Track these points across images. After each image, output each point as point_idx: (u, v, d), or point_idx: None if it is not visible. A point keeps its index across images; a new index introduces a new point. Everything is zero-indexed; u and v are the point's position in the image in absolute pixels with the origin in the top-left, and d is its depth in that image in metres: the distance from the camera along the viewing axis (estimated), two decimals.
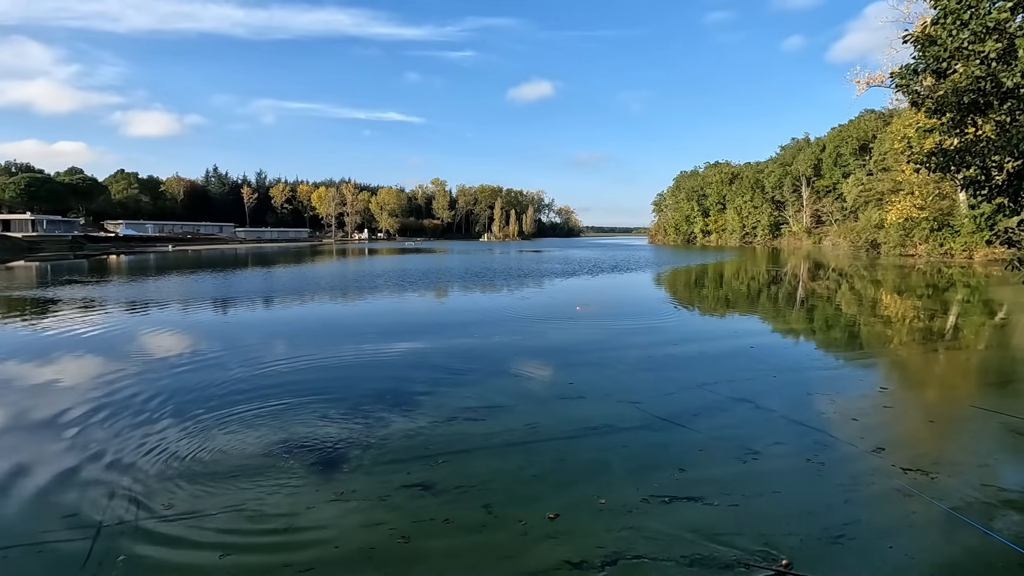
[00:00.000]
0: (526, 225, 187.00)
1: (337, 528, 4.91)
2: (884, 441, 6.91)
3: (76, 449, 6.73)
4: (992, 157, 7.15)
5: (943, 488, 5.65)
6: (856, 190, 65.60)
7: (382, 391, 9.04)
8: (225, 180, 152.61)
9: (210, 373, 10.30)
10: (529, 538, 4.70)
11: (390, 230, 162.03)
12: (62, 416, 7.92)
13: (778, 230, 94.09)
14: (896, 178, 52.37)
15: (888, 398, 9.00)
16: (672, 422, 7.56)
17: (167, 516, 5.11)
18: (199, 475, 5.97)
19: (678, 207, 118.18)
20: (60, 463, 6.31)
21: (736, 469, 6.06)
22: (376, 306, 20.72)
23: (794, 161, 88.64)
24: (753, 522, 4.92)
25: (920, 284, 28.03)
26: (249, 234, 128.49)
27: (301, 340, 13.81)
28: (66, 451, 6.68)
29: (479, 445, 6.77)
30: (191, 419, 7.77)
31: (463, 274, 35.83)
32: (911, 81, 7.56)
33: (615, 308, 20.57)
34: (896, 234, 51.75)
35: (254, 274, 37.34)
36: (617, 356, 11.66)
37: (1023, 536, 4.84)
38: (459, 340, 13.61)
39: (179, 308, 19.63)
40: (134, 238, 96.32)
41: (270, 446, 6.73)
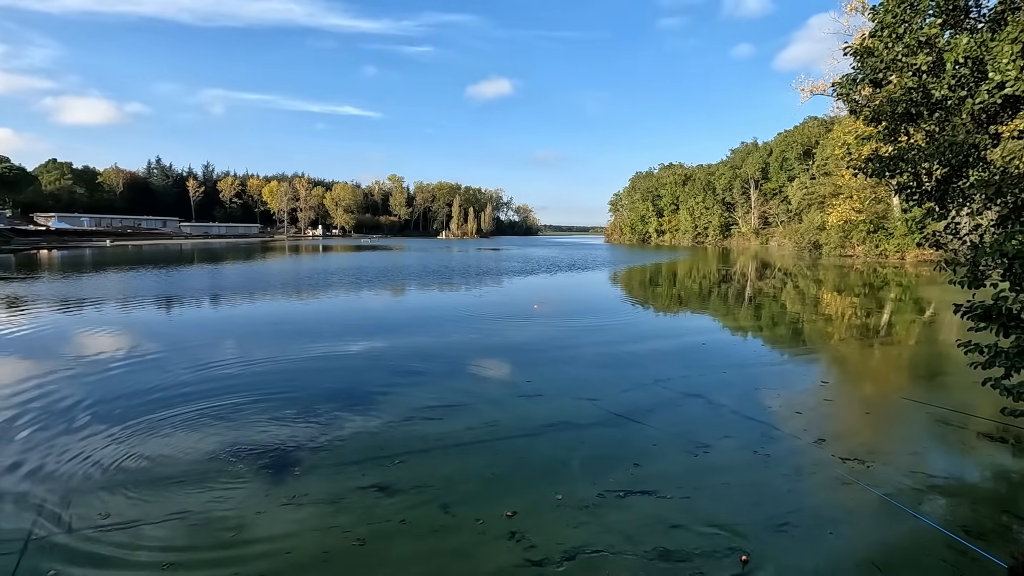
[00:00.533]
0: (484, 223, 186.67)
1: (289, 533, 4.76)
2: (825, 433, 7.26)
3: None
4: (922, 164, 7.62)
5: (878, 476, 5.99)
6: (800, 193, 68.75)
7: (336, 391, 8.83)
8: (169, 172, 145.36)
9: (151, 374, 9.81)
10: (487, 537, 4.70)
11: (345, 227, 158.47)
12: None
13: (728, 231, 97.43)
14: (836, 182, 55.19)
15: (829, 392, 9.47)
16: (627, 418, 7.71)
17: (103, 526, 4.83)
18: (139, 482, 5.68)
19: (634, 207, 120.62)
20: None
21: (688, 463, 6.24)
22: (330, 305, 20.23)
23: (743, 164, 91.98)
24: (704, 514, 5.08)
25: (858, 283, 29.61)
26: (195, 229, 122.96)
27: (250, 340, 13.33)
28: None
29: (437, 445, 6.71)
30: (130, 423, 7.37)
31: (421, 272, 35.45)
32: (850, 90, 7.95)
33: (572, 306, 20.80)
34: (836, 236, 54.51)
35: (200, 271, 35.78)
36: (574, 354, 11.80)
37: (948, 518, 5.20)
38: (416, 339, 13.45)
39: (118, 306, 18.58)
40: (68, 232, 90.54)
41: (217, 450, 6.46)
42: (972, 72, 6.23)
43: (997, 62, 5.76)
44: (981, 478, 6.23)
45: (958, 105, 6.60)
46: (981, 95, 6.00)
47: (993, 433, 7.29)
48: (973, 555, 4.55)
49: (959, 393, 9.26)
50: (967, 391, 8.99)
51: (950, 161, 7.37)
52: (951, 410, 8.17)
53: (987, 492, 5.88)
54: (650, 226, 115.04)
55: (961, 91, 6.42)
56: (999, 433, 7.27)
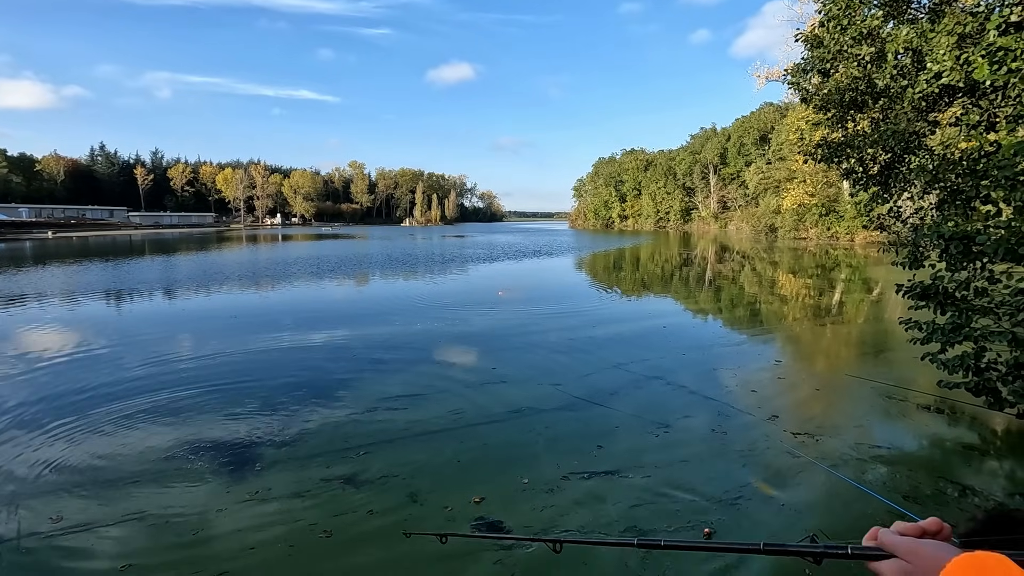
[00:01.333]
0: (448, 210, 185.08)
1: (252, 529, 4.71)
2: (778, 409, 7.60)
3: None
4: (867, 150, 7.97)
5: (825, 449, 6.32)
6: (757, 178, 70.71)
7: (298, 384, 8.70)
8: (115, 160, 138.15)
9: (102, 371, 9.44)
10: (456, 523, 4.75)
11: (305, 215, 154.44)
12: None
13: (689, 215, 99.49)
14: (791, 167, 57.00)
15: (782, 370, 9.88)
16: (591, 402, 7.87)
17: (55, 530, 4.67)
18: (92, 483, 5.50)
19: (597, 193, 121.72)
20: None
21: (649, 443, 6.44)
22: (290, 296, 19.79)
23: (703, 150, 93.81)
24: (665, 491, 5.26)
25: (811, 265, 30.80)
26: (145, 219, 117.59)
27: (206, 333, 12.94)
28: None
29: (403, 434, 6.72)
30: (80, 421, 7.10)
31: (384, 261, 34.99)
32: (801, 79, 8.22)
33: (537, 293, 20.96)
34: (791, 219, 56.43)
35: (152, 263, 34.36)
36: (539, 340, 11.92)
37: (889, 486, 5.54)
38: (380, 329, 13.32)
39: (63, 302, 17.70)
40: (5, 224, 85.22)
41: (173, 447, 6.30)
42: (912, 62, 6.53)
43: (935, 53, 6.04)
44: (919, 447, 6.64)
45: (900, 94, 6.92)
46: (920, 84, 6.30)
47: (931, 405, 7.77)
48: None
49: (901, 368, 9.81)
50: (908, 366, 9.53)
51: (893, 147, 7.74)
52: (893, 385, 8.65)
53: (925, 460, 6.28)
54: (613, 211, 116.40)
55: (902, 80, 6.72)
56: (936, 405, 7.75)
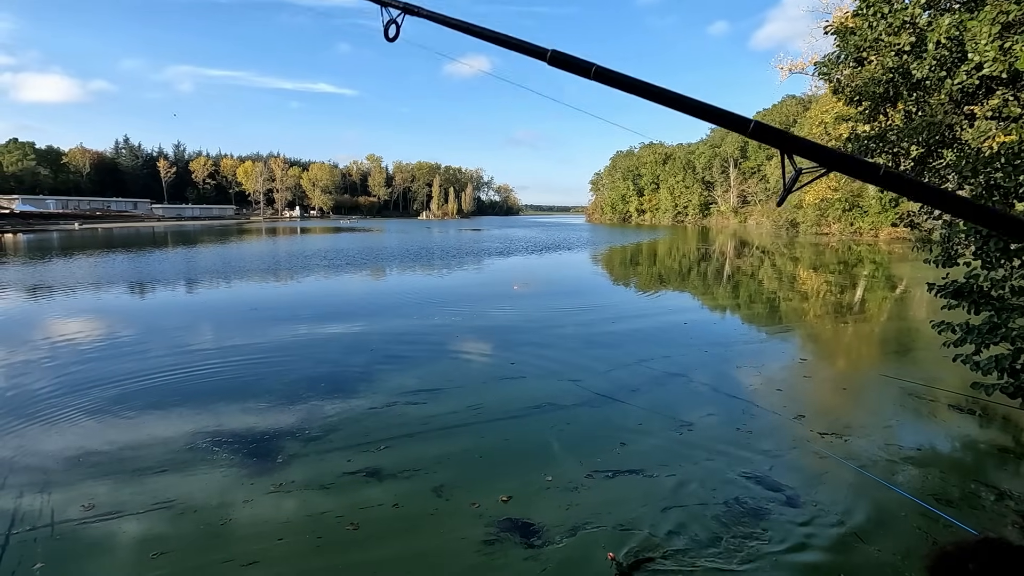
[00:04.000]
0: (465, 203, 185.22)
1: (279, 520, 4.75)
2: (804, 408, 7.46)
3: None
4: (900, 144, 7.73)
5: (853, 449, 6.19)
6: (778, 172, 69.40)
7: (317, 377, 8.76)
8: (138, 152, 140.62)
9: (127, 362, 9.62)
10: (485, 520, 4.72)
11: (324, 208, 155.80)
12: None
13: (707, 210, 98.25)
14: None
15: (807, 368, 9.70)
16: (611, 398, 7.81)
17: (88, 517, 4.76)
18: (120, 472, 5.59)
19: (614, 186, 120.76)
20: None
21: (673, 441, 6.36)
22: (310, 288, 19.97)
23: (723, 143, 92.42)
24: (692, 491, 5.19)
25: (833, 261, 30.22)
26: (167, 211, 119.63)
27: (228, 325, 13.14)
28: None
29: (422, 429, 6.72)
30: (108, 412, 7.24)
31: (401, 254, 35.14)
32: (832, 70, 7.99)
33: (554, 287, 20.87)
34: (813, 214, 55.41)
35: (175, 254, 34.95)
36: (557, 335, 11.86)
37: (920, 488, 5.40)
38: (397, 322, 13.38)
39: (90, 291, 18.09)
40: (33, 215, 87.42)
41: (197, 438, 6.39)
42: (952, 53, 6.30)
43: (976, 43, 5.82)
44: (951, 449, 6.47)
45: (937, 85, 6.69)
46: (960, 76, 6.08)
47: (962, 405, 7.56)
48: (944, 522, 4.75)
49: (930, 367, 9.57)
50: (937, 365, 9.28)
51: (927, 141, 7.50)
52: (922, 384, 8.44)
53: (957, 462, 6.12)
54: (631, 205, 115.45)
55: (941, 71, 6.49)
56: (967, 405, 7.54)
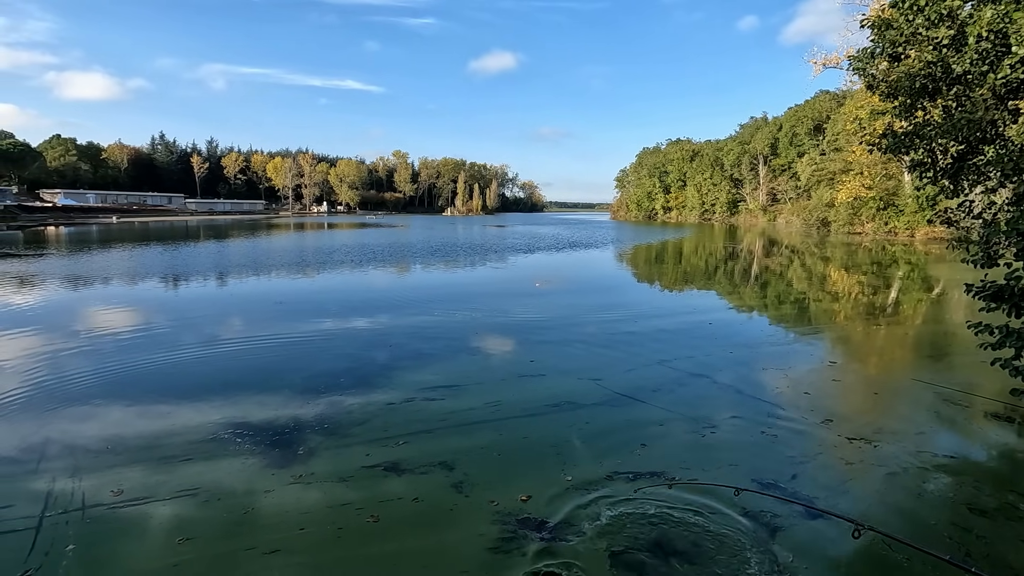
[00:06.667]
0: (489, 200, 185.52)
1: (300, 510, 4.82)
2: (832, 413, 7.26)
3: (11, 433, 6.36)
4: (938, 140, 7.44)
5: (884, 455, 5.99)
6: (809, 169, 67.77)
7: (338, 370, 8.87)
8: (173, 148, 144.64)
9: (156, 351, 9.90)
10: (504, 518, 4.71)
11: (350, 203, 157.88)
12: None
13: (736, 207, 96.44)
14: (847, 158, 54.34)
15: (836, 371, 9.44)
16: (633, 398, 7.72)
17: (117, 502, 4.91)
18: (148, 459, 5.75)
19: (640, 183, 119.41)
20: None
21: (695, 443, 6.25)
22: (334, 282, 20.27)
23: (752, 140, 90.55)
24: (715, 495, 5.08)
25: (866, 261, 29.36)
26: (200, 206, 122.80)
27: (255, 317, 13.42)
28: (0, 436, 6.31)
29: (441, 425, 6.75)
30: (137, 400, 7.46)
31: (425, 250, 35.39)
32: (867, 64, 7.73)
33: (576, 285, 20.76)
34: (845, 213, 53.89)
35: (206, 248, 35.85)
36: (578, 333, 11.78)
37: (953, 497, 5.21)
38: (419, 317, 13.47)
39: (125, 282, 18.69)
40: (74, 209, 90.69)
41: (221, 428, 6.53)
42: (995, 46, 6.02)
43: (1021, 35, 5.55)
44: (987, 457, 6.22)
45: (979, 80, 6.40)
46: (1004, 70, 5.81)
47: (1000, 413, 7.27)
48: (978, 532, 4.57)
49: (966, 372, 9.22)
50: (974, 370, 8.95)
51: (967, 138, 7.19)
52: (958, 390, 8.14)
53: (993, 471, 5.88)
54: (657, 203, 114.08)
55: (982, 66, 6.22)
56: (1006, 413, 7.25)
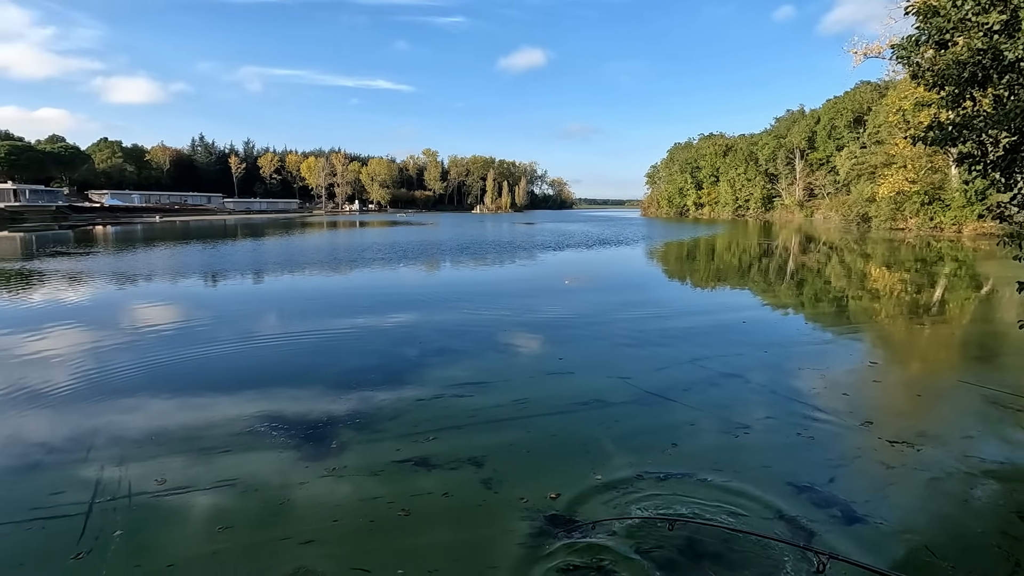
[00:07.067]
0: (518, 197, 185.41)
1: (333, 502, 4.93)
2: (872, 415, 7.02)
3: (62, 423, 6.68)
4: (988, 132, 7.09)
5: (927, 460, 5.77)
6: (849, 163, 65.47)
7: (368, 366, 9.01)
8: (212, 149, 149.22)
9: (195, 346, 10.25)
10: (533, 515, 4.71)
11: (381, 201, 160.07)
12: (47, 389, 7.86)
13: (771, 203, 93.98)
14: (889, 151, 52.28)
15: (876, 372, 9.11)
16: (663, 397, 7.62)
17: (161, 491, 5.11)
18: (188, 450, 5.96)
19: (672, 179, 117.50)
20: (46, 438, 6.27)
21: (727, 444, 6.13)
22: (365, 279, 20.59)
23: (788, 133, 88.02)
24: (748, 498, 4.98)
25: (909, 258, 28.24)
26: (237, 205, 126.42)
27: (288, 313, 13.76)
28: (51, 425, 6.64)
29: (470, 421, 6.79)
30: (178, 392, 7.74)
31: (454, 248, 35.63)
32: (912, 53, 7.41)
33: (606, 282, 20.58)
34: (887, 208, 51.89)
35: (243, 246, 36.91)
36: (607, 331, 11.69)
37: (1001, 504, 4.97)
38: (448, 315, 13.57)
39: (168, 280, 19.40)
40: (120, 208, 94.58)
41: (257, 421, 6.71)
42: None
43: None
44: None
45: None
46: None
47: None
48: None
49: (1017, 374, 8.81)
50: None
51: (1020, 128, 6.83)
52: (1008, 392, 7.76)
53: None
54: (688, 199, 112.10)
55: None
56: None
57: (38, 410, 7.15)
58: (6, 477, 5.44)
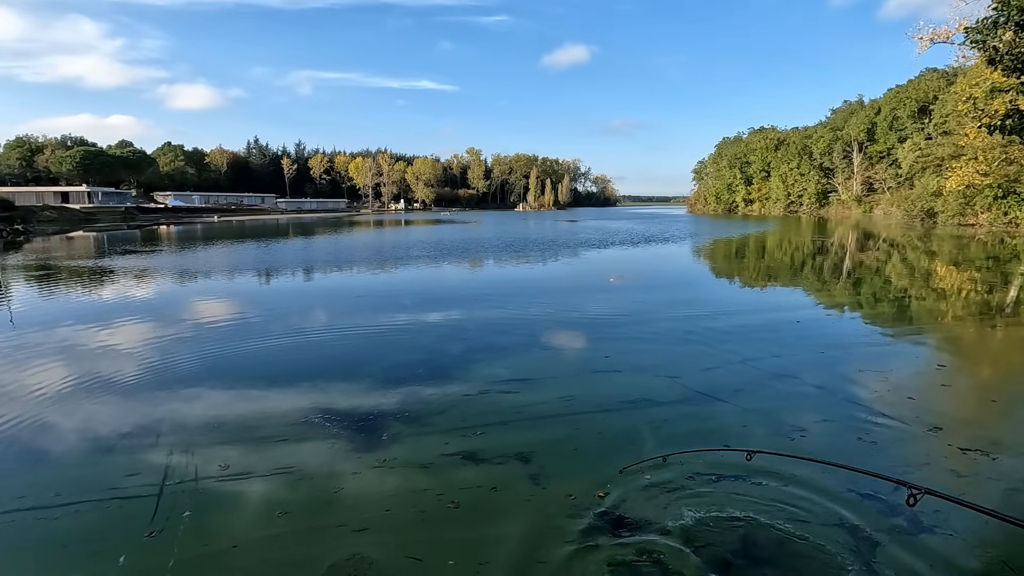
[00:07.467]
0: (561, 194, 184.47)
1: (384, 492, 5.05)
2: (941, 421, 6.62)
3: (131, 410, 7.10)
4: None
5: (1003, 469, 5.40)
6: (913, 155, 61.95)
7: (415, 361, 9.17)
8: (266, 152, 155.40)
9: (249, 340, 10.71)
10: (581, 512, 4.70)
11: (426, 200, 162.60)
12: (117, 378, 8.39)
13: (825, 199, 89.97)
14: (958, 142, 49.12)
15: (945, 376, 8.59)
16: (713, 397, 7.43)
17: (224, 476, 5.37)
18: (247, 439, 6.23)
19: (719, 175, 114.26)
20: (119, 424, 6.68)
21: (783, 446, 5.91)
22: (411, 277, 20.96)
23: (845, 125, 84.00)
24: (807, 505, 4.80)
25: (979, 255, 26.48)
26: (289, 205, 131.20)
27: (338, 309, 14.16)
28: (124, 412, 7.06)
29: (516, 417, 6.81)
30: (235, 383, 8.10)
31: (497, 245, 35.80)
32: (988, 36, 6.93)
33: (652, 280, 20.22)
34: (955, 202, 48.83)
35: (294, 244, 38.25)
36: (654, 329, 11.49)
37: None
38: (492, 312, 13.65)
39: (224, 276, 20.34)
40: (182, 209, 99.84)
41: (310, 413, 6.94)
42: None
43: None
44: None
45: None
46: None
47: None
48: None
49: None
50: None
51: None
52: None
53: None
54: (737, 195, 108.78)
55: None
56: None
57: (110, 397, 7.63)
58: (87, 457, 5.84)
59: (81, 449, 6.03)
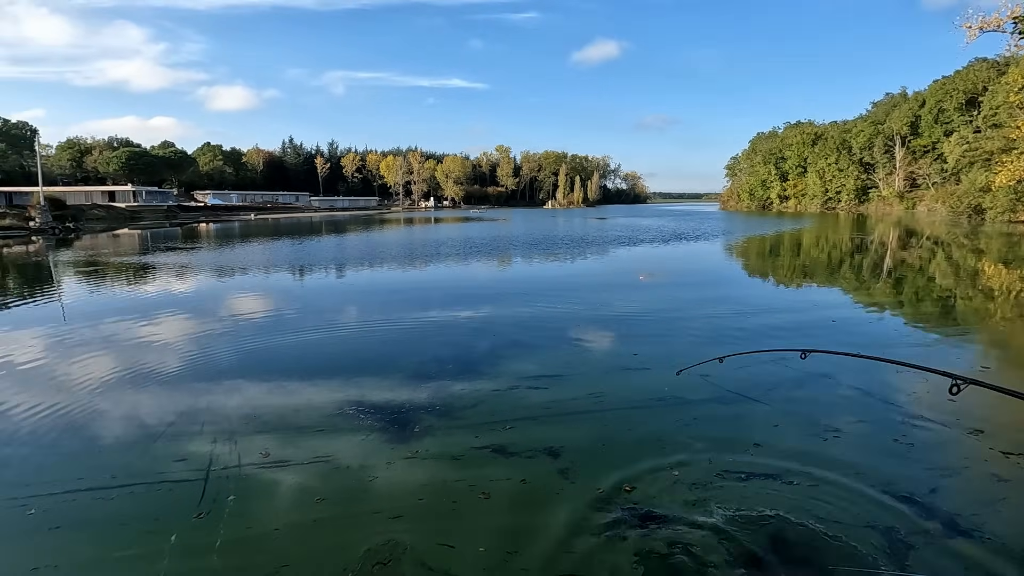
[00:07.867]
0: (591, 192, 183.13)
1: (417, 483, 5.21)
2: (984, 423, 6.43)
3: (176, 400, 7.44)
4: None
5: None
6: (960, 149, 59.48)
7: (445, 357, 9.32)
8: (300, 151, 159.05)
9: (284, 334, 11.05)
10: (609, 505, 4.76)
11: (455, 198, 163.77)
12: (161, 369, 8.80)
13: (865, 195, 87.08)
14: (1009, 135, 46.96)
15: (989, 378, 8.26)
16: (745, 396, 7.36)
17: (265, 463, 5.61)
18: (286, 428, 6.47)
19: (753, 171, 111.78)
20: (164, 413, 7.01)
21: (816, 447, 5.84)
22: (440, 274, 21.21)
23: (887, 119, 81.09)
24: (839, 506, 4.74)
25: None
26: (322, 203, 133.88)
27: (369, 305, 14.48)
28: (168, 402, 7.41)
29: (544, 413, 6.89)
30: (272, 376, 8.39)
31: (526, 243, 35.86)
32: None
33: (683, 278, 20.00)
34: (1005, 198, 46.69)
35: (327, 241, 39.09)
36: (684, 327, 11.40)
37: None
38: (521, 308, 13.73)
39: (261, 272, 20.97)
40: (220, 207, 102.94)
41: (344, 405, 7.15)
42: None
43: None
44: None
45: None
46: None
47: None
48: None
49: None
50: None
51: None
52: None
53: None
54: (772, 191, 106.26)
55: None
56: None
57: (155, 388, 8.01)
58: (137, 444, 6.17)
59: (132, 436, 6.37)
